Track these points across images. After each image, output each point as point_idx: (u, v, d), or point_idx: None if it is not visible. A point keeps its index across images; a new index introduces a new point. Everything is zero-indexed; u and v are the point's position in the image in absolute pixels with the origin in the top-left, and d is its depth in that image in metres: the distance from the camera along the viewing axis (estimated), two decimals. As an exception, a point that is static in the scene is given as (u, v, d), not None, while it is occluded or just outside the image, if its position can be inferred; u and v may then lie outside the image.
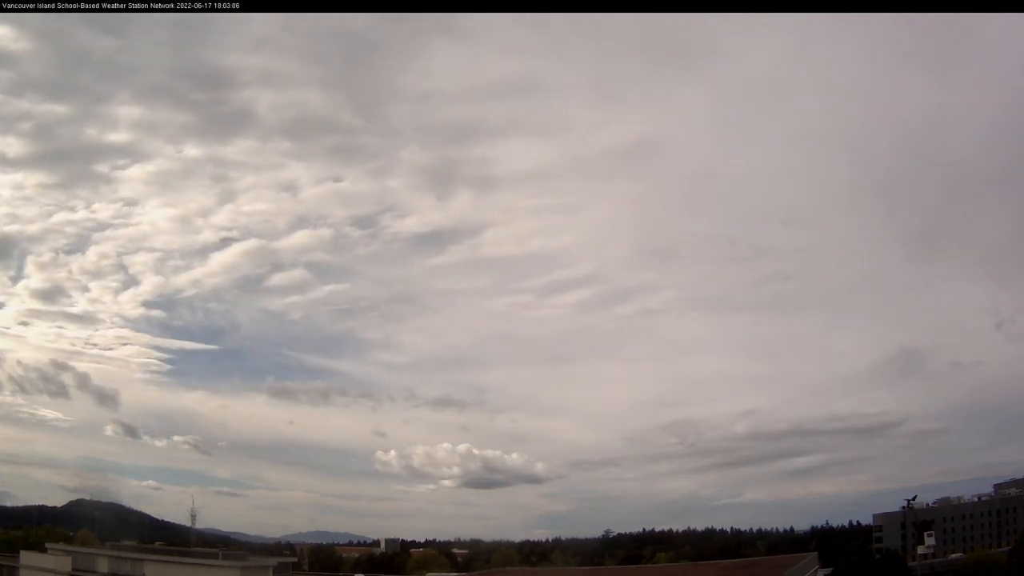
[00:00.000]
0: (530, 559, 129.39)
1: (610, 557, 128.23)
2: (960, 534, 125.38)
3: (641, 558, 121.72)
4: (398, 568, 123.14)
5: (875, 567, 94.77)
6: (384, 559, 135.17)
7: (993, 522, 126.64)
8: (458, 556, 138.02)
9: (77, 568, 65.04)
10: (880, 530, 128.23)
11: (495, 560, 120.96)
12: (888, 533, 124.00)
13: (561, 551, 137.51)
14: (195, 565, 63.52)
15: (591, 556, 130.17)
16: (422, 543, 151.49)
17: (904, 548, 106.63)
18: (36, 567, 65.96)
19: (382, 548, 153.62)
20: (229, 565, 62.93)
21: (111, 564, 64.52)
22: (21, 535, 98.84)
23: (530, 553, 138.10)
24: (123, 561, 64.43)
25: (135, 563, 63.51)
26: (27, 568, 66.72)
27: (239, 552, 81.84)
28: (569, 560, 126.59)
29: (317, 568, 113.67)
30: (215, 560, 65.31)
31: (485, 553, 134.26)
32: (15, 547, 79.67)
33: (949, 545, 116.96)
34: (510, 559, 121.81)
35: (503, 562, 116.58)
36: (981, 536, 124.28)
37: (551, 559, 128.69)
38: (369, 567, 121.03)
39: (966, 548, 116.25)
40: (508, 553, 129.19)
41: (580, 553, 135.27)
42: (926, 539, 78.81)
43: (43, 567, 65.41)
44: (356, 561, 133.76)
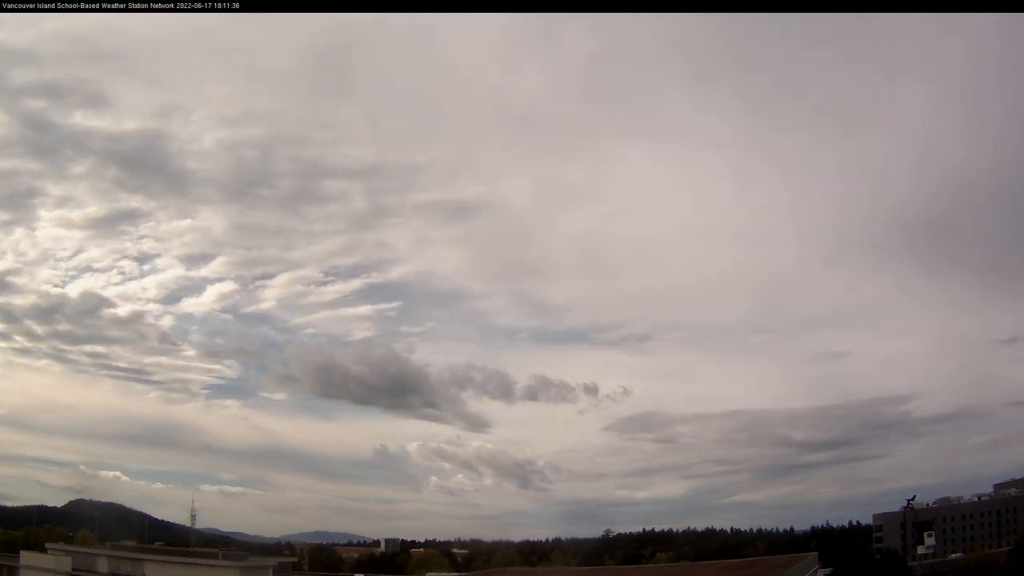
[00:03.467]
0: (530, 559, 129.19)
1: (610, 557, 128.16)
2: (960, 534, 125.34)
3: (641, 558, 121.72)
4: (398, 568, 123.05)
5: (875, 567, 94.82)
6: (384, 559, 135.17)
7: (993, 522, 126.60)
8: (458, 556, 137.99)
9: (77, 568, 65.06)
10: (880, 530, 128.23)
11: (495, 560, 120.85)
12: (888, 533, 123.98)
13: (561, 551, 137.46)
14: (195, 565, 63.49)
15: (591, 556, 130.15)
16: (422, 543, 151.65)
17: (904, 548, 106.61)
18: (36, 567, 66.01)
19: (382, 548, 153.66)
20: (229, 565, 62.89)
21: (111, 564, 64.53)
22: (21, 535, 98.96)
23: (530, 553, 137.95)
24: (123, 561, 64.44)
25: (135, 563, 63.51)
26: (27, 568, 66.77)
27: (239, 552, 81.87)
28: (569, 560, 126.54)
29: (317, 568, 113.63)
30: (215, 560, 65.28)
31: (485, 553, 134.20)
32: (15, 547, 79.78)
33: (949, 545, 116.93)
34: (510, 559, 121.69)
35: (503, 562, 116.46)
36: (981, 536, 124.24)
37: (551, 559, 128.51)
38: (369, 567, 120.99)
39: (966, 548, 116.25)
40: (508, 553, 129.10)
41: (580, 553, 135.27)
42: (926, 539, 79.03)
43: (43, 567, 65.45)
44: (356, 561, 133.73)
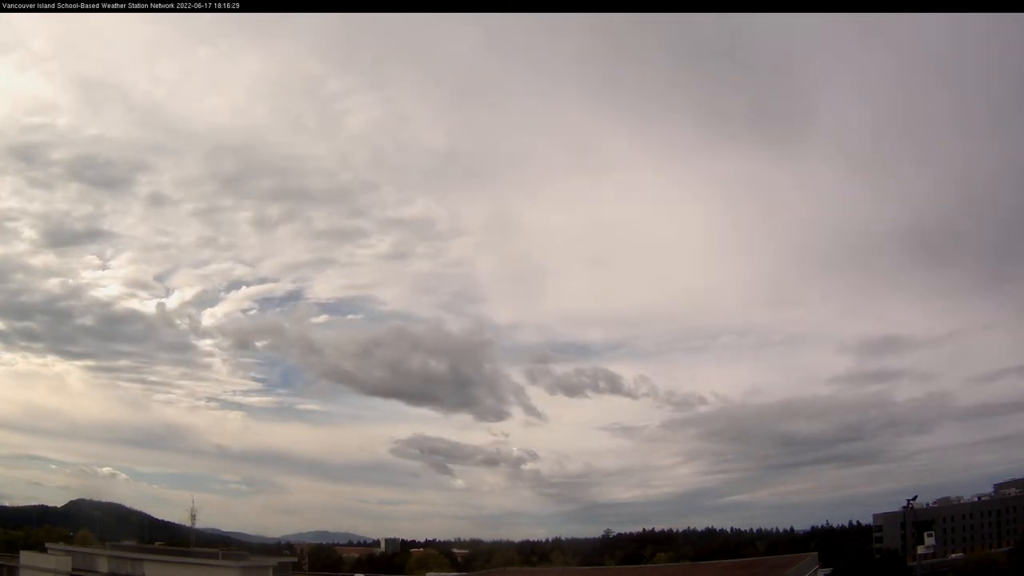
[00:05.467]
0: (530, 559, 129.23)
1: (610, 557, 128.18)
2: (960, 534, 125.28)
3: (641, 558, 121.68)
4: (398, 568, 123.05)
5: (875, 567, 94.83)
6: (384, 559, 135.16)
7: (993, 522, 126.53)
8: (458, 556, 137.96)
9: (77, 568, 65.07)
10: (880, 530, 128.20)
11: (495, 560, 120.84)
12: (888, 533, 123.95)
13: (561, 551, 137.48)
14: (195, 565, 63.46)
15: (591, 556, 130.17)
16: (422, 543, 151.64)
17: (904, 548, 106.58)
18: (36, 567, 66.03)
19: (382, 548, 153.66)
20: (229, 565, 62.85)
21: (111, 564, 64.53)
22: (21, 535, 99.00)
23: (530, 553, 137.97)
24: (123, 561, 64.43)
25: (135, 563, 63.50)
26: (27, 568, 66.79)
27: (239, 552, 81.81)
28: (569, 560, 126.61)
29: (317, 568, 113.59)
30: (215, 560, 65.25)
31: (485, 553, 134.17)
32: (15, 547, 79.78)
33: (949, 545, 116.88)
34: (510, 559, 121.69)
35: (503, 562, 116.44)
36: (981, 536, 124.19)
37: (551, 559, 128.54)
38: (369, 567, 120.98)
39: (966, 548, 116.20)
40: (508, 553, 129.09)
41: (580, 553, 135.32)
42: (926, 539, 79.04)
43: (43, 567, 65.47)
44: (356, 561, 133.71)
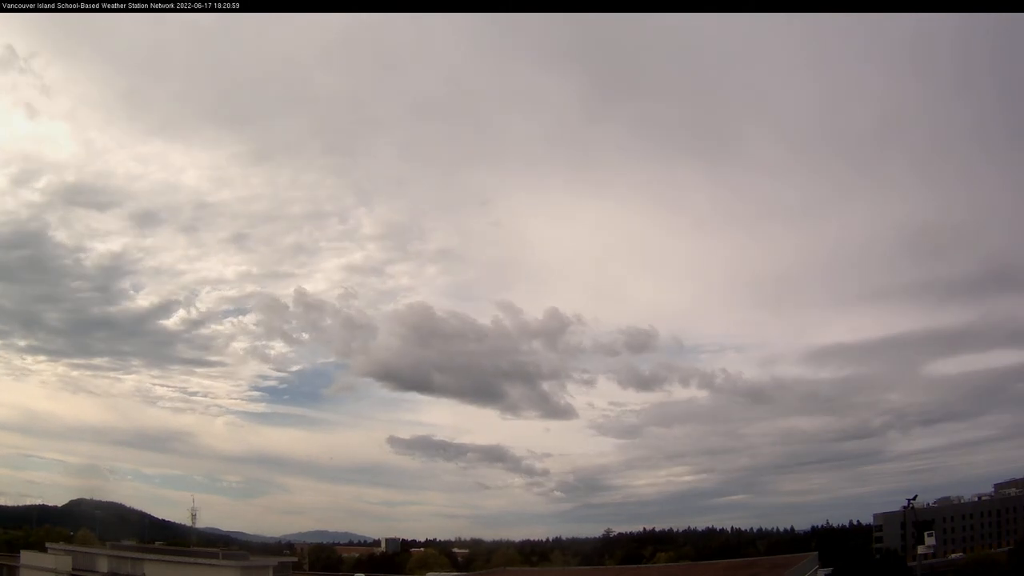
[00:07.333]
0: (530, 559, 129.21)
1: (610, 557, 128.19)
2: (960, 534, 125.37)
3: (641, 558, 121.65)
4: (398, 568, 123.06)
5: (875, 567, 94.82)
6: (384, 559, 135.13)
7: (993, 522, 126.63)
8: (458, 556, 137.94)
9: (77, 568, 64.94)
10: (880, 530, 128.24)
11: (495, 560, 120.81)
12: (888, 533, 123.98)
13: (561, 551, 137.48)
14: (195, 565, 63.38)
15: (591, 556, 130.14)
16: (422, 543, 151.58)
17: (904, 548, 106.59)
18: (36, 567, 65.87)
19: (382, 548, 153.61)
20: (229, 565, 62.71)
21: (111, 564, 64.36)
22: (21, 535, 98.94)
23: (530, 553, 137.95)
24: (123, 561, 64.25)
25: (135, 563, 63.32)
26: (27, 568, 66.64)
27: (239, 552, 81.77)
28: (569, 560, 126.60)
29: (317, 568, 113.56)
30: (215, 560, 65.16)
31: (485, 553, 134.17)
32: (15, 547, 79.71)
33: (949, 545, 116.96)
34: (510, 559, 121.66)
35: (503, 562, 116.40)
36: (981, 536, 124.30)
37: (551, 559, 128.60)
38: (369, 567, 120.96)
39: (966, 548, 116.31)
40: (508, 553, 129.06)
41: (580, 553, 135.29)
42: (926, 539, 78.72)
43: (43, 567, 65.32)
44: (356, 561, 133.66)
